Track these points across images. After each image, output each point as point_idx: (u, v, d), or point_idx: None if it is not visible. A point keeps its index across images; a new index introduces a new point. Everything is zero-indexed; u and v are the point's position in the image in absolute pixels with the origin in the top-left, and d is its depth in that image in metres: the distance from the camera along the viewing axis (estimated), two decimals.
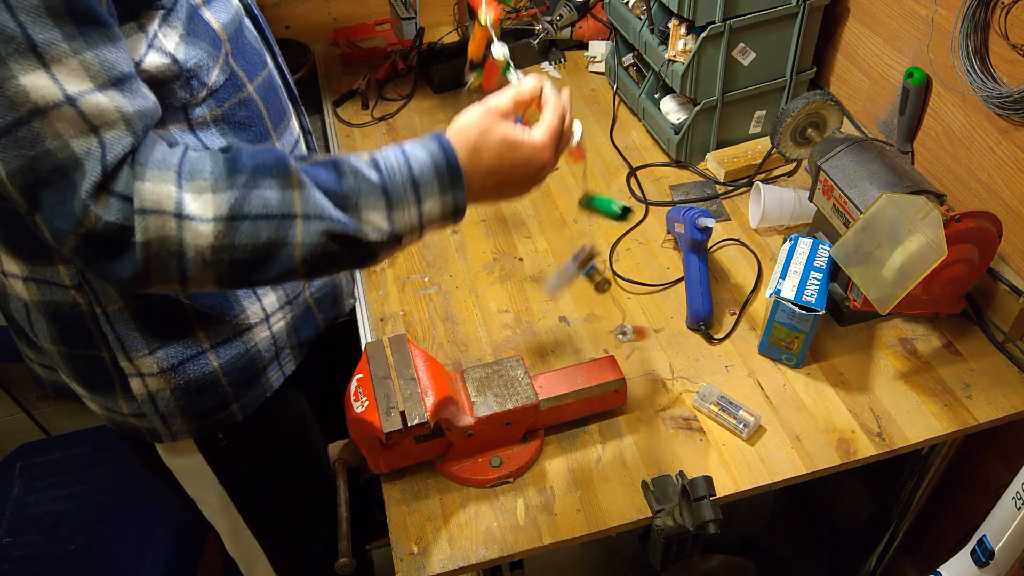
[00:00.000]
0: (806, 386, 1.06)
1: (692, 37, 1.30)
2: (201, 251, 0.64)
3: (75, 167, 0.59)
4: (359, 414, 0.87)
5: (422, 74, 1.65)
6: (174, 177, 0.64)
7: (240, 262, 0.66)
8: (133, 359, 0.85)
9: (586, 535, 0.92)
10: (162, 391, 0.87)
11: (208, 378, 0.89)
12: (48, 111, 0.58)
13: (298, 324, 0.98)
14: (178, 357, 0.86)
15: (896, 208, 0.95)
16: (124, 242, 0.62)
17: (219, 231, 0.64)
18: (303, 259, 0.67)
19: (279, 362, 0.97)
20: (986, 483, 1.23)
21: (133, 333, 0.83)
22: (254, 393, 0.95)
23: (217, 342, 0.89)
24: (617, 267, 1.24)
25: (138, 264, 0.63)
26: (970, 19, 1.03)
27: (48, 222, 0.61)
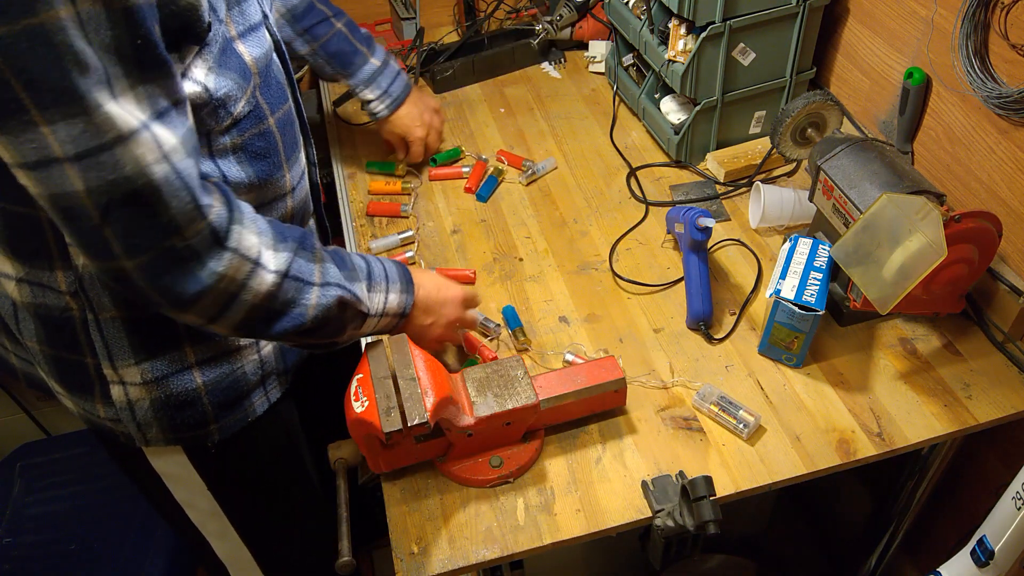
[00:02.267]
0: (806, 386, 1.06)
1: (692, 37, 1.30)
2: (257, 297, 0.77)
3: (155, 192, 0.66)
4: (359, 414, 0.87)
5: (422, 74, 1.65)
6: (255, 228, 0.76)
7: (272, 312, 0.79)
8: (118, 367, 0.85)
9: (586, 535, 0.92)
10: (141, 401, 0.88)
11: (190, 395, 0.89)
12: (128, 138, 0.63)
13: (284, 349, 0.99)
14: (163, 371, 0.87)
15: (896, 208, 0.95)
16: (199, 266, 0.71)
17: (275, 283, 0.77)
18: (313, 318, 0.82)
19: (264, 388, 0.97)
20: (986, 483, 1.23)
21: (122, 342, 0.84)
22: (236, 416, 0.95)
23: (204, 360, 0.89)
24: (617, 267, 1.24)
25: (200, 292, 0.72)
26: (970, 19, 1.03)
27: (122, 237, 0.67)
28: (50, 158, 0.62)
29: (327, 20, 1.19)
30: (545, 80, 1.67)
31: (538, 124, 1.54)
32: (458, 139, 1.52)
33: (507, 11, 1.76)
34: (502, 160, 1.44)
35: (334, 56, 1.21)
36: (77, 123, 0.61)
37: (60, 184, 0.63)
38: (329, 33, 1.19)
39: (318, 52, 1.20)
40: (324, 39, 1.19)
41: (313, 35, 1.18)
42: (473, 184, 1.39)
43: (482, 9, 1.78)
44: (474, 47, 1.68)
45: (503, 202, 1.38)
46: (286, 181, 0.92)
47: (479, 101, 1.62)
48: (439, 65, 1.62)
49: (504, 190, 1.40)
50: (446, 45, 1.67)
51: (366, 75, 1.25)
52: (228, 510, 1.04)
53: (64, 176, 0.62)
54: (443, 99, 1.63)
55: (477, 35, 1.70)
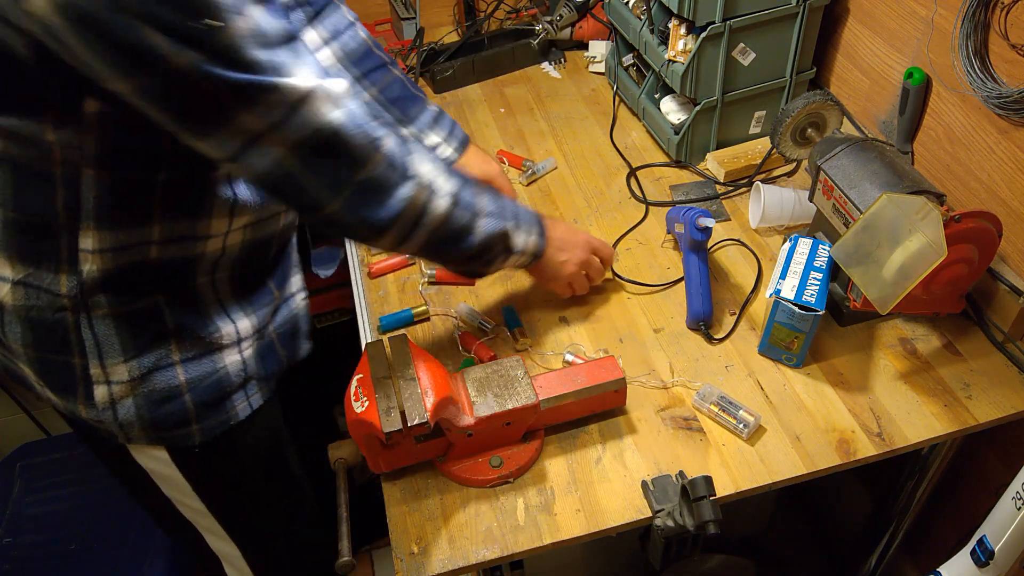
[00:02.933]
0: (806, 386, 1.06)
1: (692, 37, 1.30)
2: (436, 218, 0.86)
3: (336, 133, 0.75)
4: (359, 414, 0.87)
5: (422, 74, 1.65)
6: (427, 157, 0.86)
7: (448, 235, 0.89)
8: (106, 366, 0.86)
9: (586, 535, 0.92)
10: (124, 399, 0.88)
11: (173, 390, 0.89)
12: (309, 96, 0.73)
13: (263, 355, 0.99)
14: (149, 366, 0.87)
15: (896, 208, 0.95)
16: (389, 194, 0.82)
17: (450, 208, 0.87)
18: (479, 243, 0.92)
19: (246, 392, 0.97)
20: (986, 483, 1.23)
21: (113, 340, 0.85)
22: (218, 418, 0.95)
23: (188, 356, 0.90)
24: (617, 267, 1.24)
25: (394, 216, 0.83)
26: (970, 19, 1.03)
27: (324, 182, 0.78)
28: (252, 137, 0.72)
29: (385, 67, 1.18)
30: (545, 80, 1.67)
31: (538, 124, 1.54)
32: None
33: (507, 11, 1.76)
34: (502, 160, 1.44)
35: (395, 102, 1.19)
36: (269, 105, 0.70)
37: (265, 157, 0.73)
38: (388, 79, 1.18)
39: (378, 98, 1.18)
40: (384, 84, 1.17)
41: (372, 80, 1.16)
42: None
43: (482, 9, 1.78)
44: (474, 47, 1.68)
45: None
46: None
47: (479, 101, 1.62)
48: (439, 65, 1.62)
49: None
50: (446, 45, 1.67)
51: (429, 118, 1.21)
52: (214, 510, 1.03)
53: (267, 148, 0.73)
54: (443, 99, 1.63)
55: (477, 35, 1.70)
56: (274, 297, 1.01)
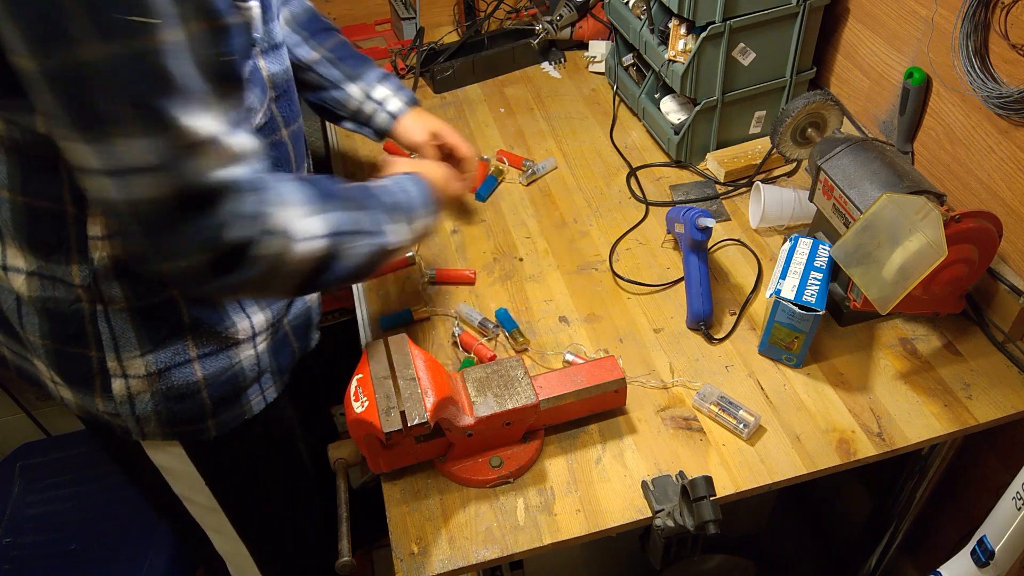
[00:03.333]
0: (806, 386, 1.06)
1: (692, 37, 1.30)
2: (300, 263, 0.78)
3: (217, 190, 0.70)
4: (359, 414, 0.87)
5: (422, 74, 1.65)
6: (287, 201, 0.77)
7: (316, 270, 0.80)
8: (123, 359, 0.87)
9: (586, 535, 0.92)
10: (142, 394, 0.88)
11: (191, 387, 0.90)
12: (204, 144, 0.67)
13: (276, 349, 1.00)
14: (166, 362, 0.88)
15: (896, 208, 0.95)
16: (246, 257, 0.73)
17: (314, 248, 0.78)
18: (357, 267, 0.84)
19: (260, 385, 0.98)
20: (986, 483, 1.23)
21: (129, 334, 0.85)
22: (233, 412, 0.95)
23: (205, 352, 0.90)
24: (617, 267, 1.24)
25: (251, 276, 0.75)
26: (970, 19, 1.03)
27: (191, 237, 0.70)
28: (134, 167, 0.65)
29: (331, 30, 1.18)
30: (545, 80, 1.67)
31: (538, 124, 1.54)
32: None
33: (507, 11, 1.76)
34: (502, 160, 1.44)
35: (344, 59, 1.18)
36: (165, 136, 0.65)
37: (142, 191, 0.66)
38: (335, 40, 1.18)
39: (326, 56, 1.17)
40: (331, 44, 1.17)
41: (319, 40, 1.16)
42: (476, 184, 1.39)
43: (482, 9, 1.78)
44: (474, 47, 1.68)
45: (503, 202, 1.38)
46: None
47: (479, 101, 1.62)
48: (439, 65, 1.62)
49: (504, 190, 1.40)
50: (446, 45, 1.67)
51: (377, 75, 1.21)
52: (226, 506, 1.04)
53: (146, 183, 0.66)
54: (443, 99, 1.63)
55: (477, 35, 1.70)
56: None
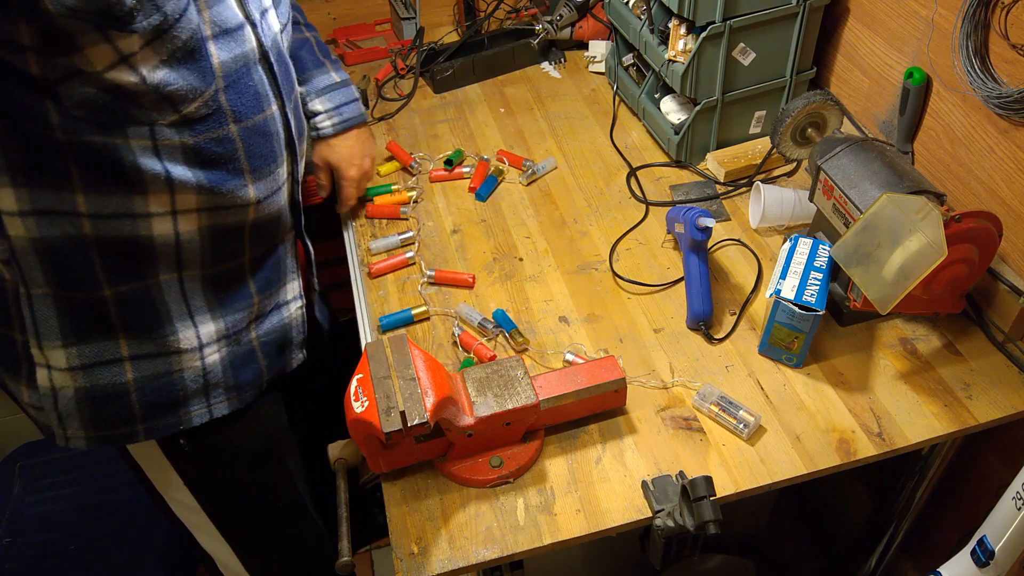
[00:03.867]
0: (806, 386, 1.06)
1: (692, 37, 1.30)
2: None
3: None
4: (359, 414, 0.87)
5: (422, 74, 1.65)
6: None
7: None
8: (44, 348, 0.82)
9: (586, 535, 0.92)
10: (65, 389, 0.84)
11: (117, 388, 0.85)
12: None
13: (236, 364, 0.94)
14: (91, 358, 0.83)
15: (896, 208, 0.95)
16: None
17: None
18: None
19: (207, 399, 0.93)
20: (986, 483, 1.23)
21: (51, 321, 0.81)
22: (167, 421, 0.91)
23: (138, 354, 0.85)
24: (617, 267, 1.24)
25: None
26: (970, 19, 1.03)
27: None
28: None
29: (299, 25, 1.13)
30: (545, 80, 1.67)
31: (538, 124, 1.54)
32: (458, 139, 1.52)
33: (507, 11, 1.76)
34: (502, 160, 1.44)
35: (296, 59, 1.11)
36: None
37: None
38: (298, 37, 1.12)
39: None
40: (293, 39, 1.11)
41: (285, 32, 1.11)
42: (477, 184, 1.39)
43: (482, 9, 1.78)
44: (474, 47, 1.68)
45: (503, 202, 1.38)
46: (248, 192, 0.88)
47: (479, 101, 1.62)
48: (439, 65, 1.62)
49: (504, 190, 1.40)
50: (446, 45, 1.67)
51: (321, 85, 1.16)
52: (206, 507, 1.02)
53: None
54: (443, 99, 1.63)
55: (477, 35, 1.70)
56: (252, 302, 0.95)
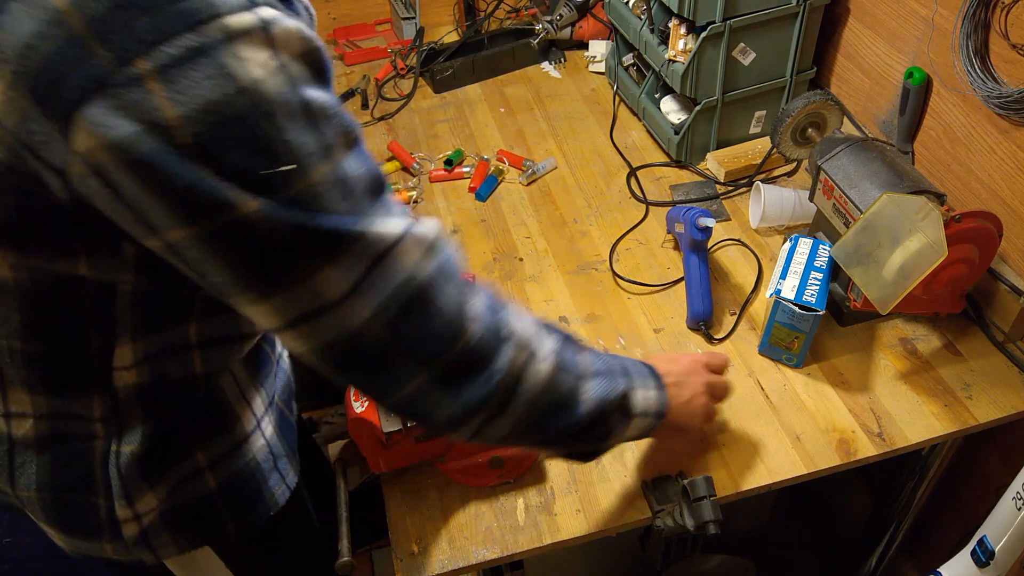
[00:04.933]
0: (806, 386, 1.06)
1: (692, 37, 1.30)
2: (534, 389, 0.67)
3: (429, 288, 0.61)
4: (359, 414, 0.87)
5: (422, 74, 1.65)
6: (518, 312, 0.69)
7: (549, 407, 0.70)
8: (134, 502, 0.76)
9: (586, 535, 0.92)
10: (154, 526, 0.79)
11: (204, 500, 0.81)
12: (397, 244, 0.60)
13: (282, 429, 0.90)
14: (173, 483, 0.78)
15: (896, 208, 0.95)
16: (484, 365, 0.65)
17: (551, 371, 0.68)
18: (588, 413, 0.72)
19: (279, 472, 0.88)
20: (986, 483, 1.23)
21: (138, 473, 0.76)
22: (256, 512, 0.86)
23: (215, 458, 0.81)
24: (617, 267, 1.24)
25: (488, 391, 0.65)
26: (970, 19, 1.03)
27: (412, 353, 0.62)
28: (324, 304, 0.58)
29: None
30: (545, 80, 1.67)
31: (538, 124, 1.54)
32: (458, 139, 1.52)
33: (507, 11, 1.76)
34: (502, 160, 1.44)
35: None
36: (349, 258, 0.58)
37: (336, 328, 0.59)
38: None
39: None
40: None
41: None
42: (477, 184, 1.39)
43: (482, 9, 1.78)
44: (474, 47, 1.68)
45: (503, 202, 1.38)
46: None
47: (479, 101, 1.62)
48: (439, 65, 1.62)
49: (504, 190, 1.40)
50: (446, 45, 1.67)
51: None
52: None
53: (340, 317, 0.59)
54: (443, 99, 1.63)
55: (477, 35, 1.70)
56: (272, 362, 0.91)
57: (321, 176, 0.55)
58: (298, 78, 0.53)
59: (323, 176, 0.55)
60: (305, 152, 0.54)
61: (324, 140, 0.55)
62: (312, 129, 0.54)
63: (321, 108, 0.55)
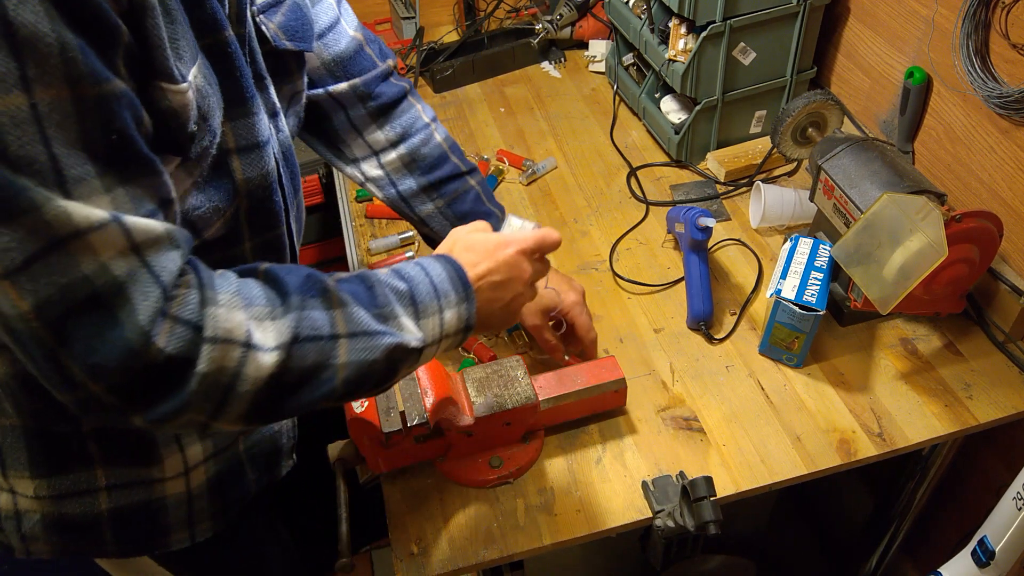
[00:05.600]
0: (807, 386, 1.06)
1: (692, 37, 1.30)
2: (257, 383, 0.60)
3: (117, 293, 0.53)
4: (359, 414, 0.87)
5: (422, 73, 1.65)
6: (241, 304, 0.59)
7: (286, 388, 0.62)
8: (9, 476, 0.75)
9: (586, 535, 0.92)
10: (31, 513, 0.76)
11: (89, 519, 0.76)
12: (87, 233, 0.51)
13: (224, 480, 0.84)
14: (61, 489, 0.74)
15: (897, 208, 0.95)
16: (182, 375, 0.56)
17: (280, 360, 0.60)
18: (345, 379, 0.64)
19: (190, 525, 0.83)
20: (986, 483, 1.23)
21: (19, 454, 0.73)
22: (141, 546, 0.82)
23: (116, 483, 0.75)
24: (617, 267, 1.24)
25: (186, 399, 0.57)
26: (971, 19, 1.03)
27: (81, 358, 0.53)
28: None
29: (462, 177, 0.99)
30: (545, 80, 1.67)
31: (538, 124, 1.54)
32: (458, 139, 1.51)
33: (507, 10, 1.76)
34: (502, 160, 1.44)
35: (463, 217, 0.99)
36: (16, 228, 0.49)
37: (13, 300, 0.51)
38: (460, 190, 0.99)
39: (444, 212, 0.99)
40: (453, 196, 0.99)
41: (442, 193, 0.99)
42: None
43: (482, 8, 1.78)
44: (474, 46, 1.68)
45: (503, 201, 1.37)
46: None
47: (479, 101, 1.62)
48: (439, 65, 1.61)
49: (504, 190, 1.40)
50: (446, 44, 1.67)
51: None
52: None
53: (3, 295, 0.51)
54: (443, 99, 1.63)
55: (477, 34, 1.70)
56: None
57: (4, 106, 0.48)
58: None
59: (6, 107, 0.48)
60: None
61: (23, 70, 0.48)
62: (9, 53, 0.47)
63: (31, 37, 0.47)
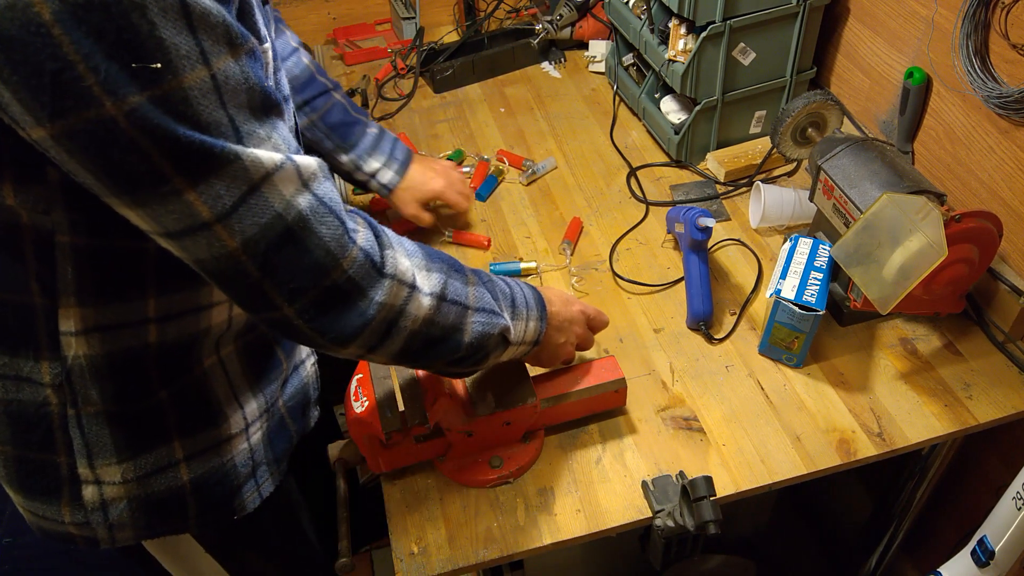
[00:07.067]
0: (806, 386, 1.06)
1: (692, 37, 1.30)
2: (416, 322, 0.72)
3: (304, 226, 0.62)
4: (359, 414, 0.87)
5: (422, 74, 1.65)
6: (406, 252, 0.73)
7: (431, 338, 0.75)
8: (96, 466, 0.77)
9: (586, 535, 0.92)
10: (117, 501, 0.79)
11: (175, 492, 0.81)
12: (273, 173, 0.60)
13: (272, 436, 0.91)
14: (147, 467, 0.79)
15: (896, 208, 0.95)
16: (363, 299, 0.68)
17: (433, 306, 0.73)
18: (468, 344, 0.78)
19: (256, 480, 0.89)
20: (986, 483, 1.23)
21: (105, 440, 0.77)
22: (221, 513, 0.87)
23: (193, 453, 0.81)
24: (617, 267, 1.24)
25: (366, 321, 0.68)
26: (970, 19, 1.03)
27: (283, 285, 0.64)
28: (197, 223, 0.58)
29: (328, 92, 1.12)
30: (545, 80, 1.67)
31: (538, 124, 1.54)
32: (458, 139, 1.52)
33: (507, 11, 1.76)
34: (502, 160, 1.44)
35: (334, 128, 1.13)
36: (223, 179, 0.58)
37: (211, 247, 0.60)
38: (328, 104, 1.12)
39: (317, 124, 1.12)
40: (325, 110, 1.11)
41: (313, 107, 1.10)
42: (476, 183, 1.39)
43: (482, 9, 1.78)
44: (474, 47, 1.68)
45: (503, 202, 1.38)
46: None
47: (479, 101, 1.62)
48: (439, 65, 1.62)
49: (504, 190, 1.40)
50: (446, 45, 1.67)
51: (368, 143, 1.16)
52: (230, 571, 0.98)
53: (215, 238, 0.59)
54: (443, 99, 1.63)
55: (477, 35, 1.70)
56: (283, 368, 0.92)
57: (193, 81, 0.54)
58: None
59: (195, 82, 0.54)
60: (177, 53, 0.53)
61: (201, 45, 0.54)
62: (189, 32, 0.53)
63: (203, 13, 0.54)
